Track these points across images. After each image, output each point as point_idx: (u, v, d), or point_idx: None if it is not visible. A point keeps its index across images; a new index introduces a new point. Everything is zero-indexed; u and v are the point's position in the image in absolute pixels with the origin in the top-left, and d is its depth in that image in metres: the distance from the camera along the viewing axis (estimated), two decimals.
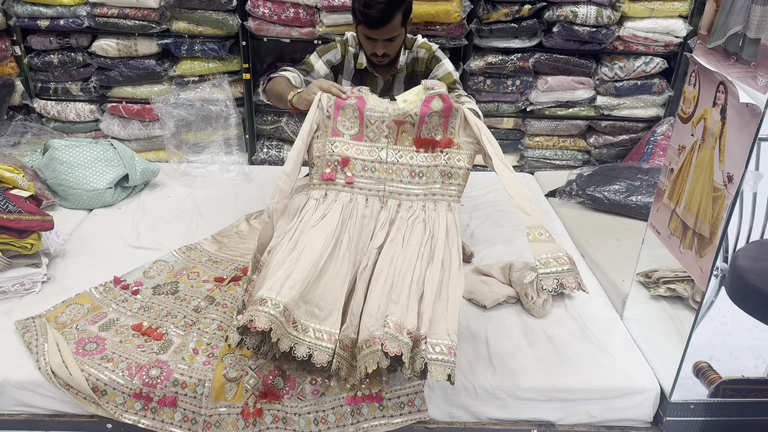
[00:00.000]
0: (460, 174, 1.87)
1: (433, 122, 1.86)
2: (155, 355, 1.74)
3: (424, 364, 1.48)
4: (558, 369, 1.77)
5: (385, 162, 1.89)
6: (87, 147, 2.60)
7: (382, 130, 1.89)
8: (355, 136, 1.90)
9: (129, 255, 2.25)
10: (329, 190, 1.87)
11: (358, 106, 1.88)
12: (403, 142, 1.89)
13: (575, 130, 3.33)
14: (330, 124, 1.89)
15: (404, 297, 1.60)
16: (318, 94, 1.90)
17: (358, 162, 1.88)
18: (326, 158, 1.88)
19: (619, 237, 2.49)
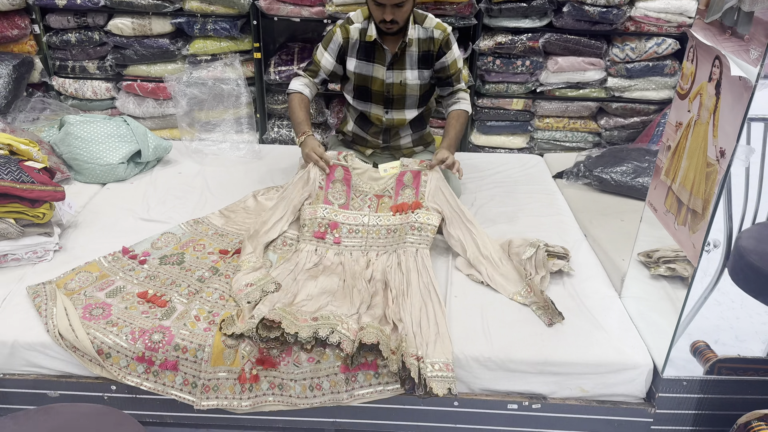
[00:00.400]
0: (428, 228, 2.19)
1: (406, 193, 2.29)
2: (158, 321, 1.79)
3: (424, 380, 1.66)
4: (551, 343, 1.79)
5: (367, 225, 2.24)
6: (101, 123, 2.67)
7: (366, 201, 2.30)
8: (343, 205, 2.29)
9: (139, 227, 2.32)
10: (319, 246, 2.17)
11: (345, 182, 2.31)
12: (383, 209, 2.29)
13: (586, 112, 3.30)
14: (322, 194, 2.29)
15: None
16: (308, 168, 2.31)
17: (344, 226, 2.23)
18: (318, 221, 2.21)
19: (623, 218, 2.49)
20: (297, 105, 2.44)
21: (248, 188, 2.64)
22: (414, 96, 2.48)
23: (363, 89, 2.47)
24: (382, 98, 2.47)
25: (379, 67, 2.40)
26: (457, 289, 2.02)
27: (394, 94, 2.45)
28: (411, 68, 2.41)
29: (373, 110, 2.51)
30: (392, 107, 2.49)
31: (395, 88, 2.43)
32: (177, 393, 1.74)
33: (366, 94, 2.48)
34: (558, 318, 1.86)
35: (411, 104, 2.51)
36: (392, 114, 2.51)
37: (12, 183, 1.95)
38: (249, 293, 1.88)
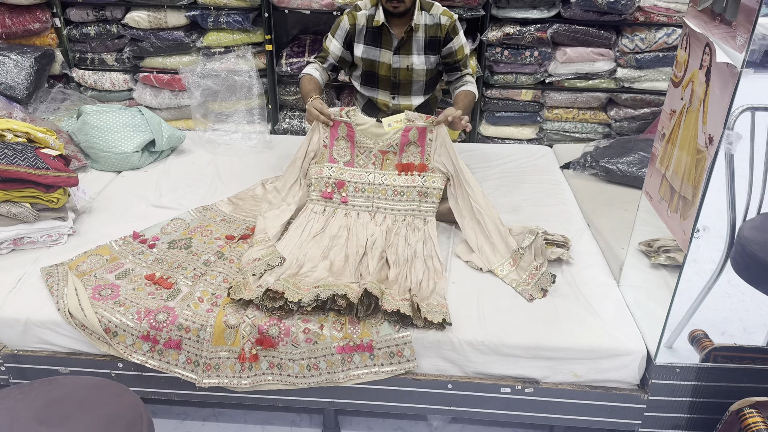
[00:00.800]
0: (434, 193, 2.25)
1: (410, 150, 2.28)
2: (163, 302, 1.86)
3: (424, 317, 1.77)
4: (545, 328, 1.81)
5: (372, 183, 2.28)
6: (117, 113, 2.75)
7: (370, 158, 2.30)
8: (348, 162, 2.31)
9: (150, 213, 2.39)
10: (327, 206, 2.26)
11: (348, 138, 2.30)
12: (387, 167, 2.30)
13: (595, 103, 3.30)
14: (327, 153, 2.31)
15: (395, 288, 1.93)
16: (312, 127, 2.32)
17: (350, 184, 2.28)
18: (324, 180, 2.28)
19: (627, 208, 2.49)
20: (306, 82, 2.46)
21: (258, 177, 2.70)
22: (420, 81, 2.52)
23: (370, 75, 2.52)
24: (389, 83, 2.52)
25: (386, 52, 2.45)
26: (455, 275, 2.05)
27: (401, 78, 2.49)
28: (418, 53, 2.46)
29: (380, 96, 2.55)
30: (399, 92, 2.54)
31: (402, 72, 2.48)
32: (180, 371, 1.81)
33: (373, 80, 2.53)
34: (539, 294, 1.93)
35: (417, 90, 2.55)
36: (399, 99, 2.55)
37: (28, 169, 2.03)
38: (255, 266, 1.97)
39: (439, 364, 1.82)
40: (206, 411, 2.15)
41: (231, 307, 1.84)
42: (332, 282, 1.89)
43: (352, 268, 2.01)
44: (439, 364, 1.82)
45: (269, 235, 2.15)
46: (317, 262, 2.02)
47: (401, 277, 1.99)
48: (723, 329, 2.61)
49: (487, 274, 2.06)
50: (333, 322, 1.81)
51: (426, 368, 1.83)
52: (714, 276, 2.22)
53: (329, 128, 2.30)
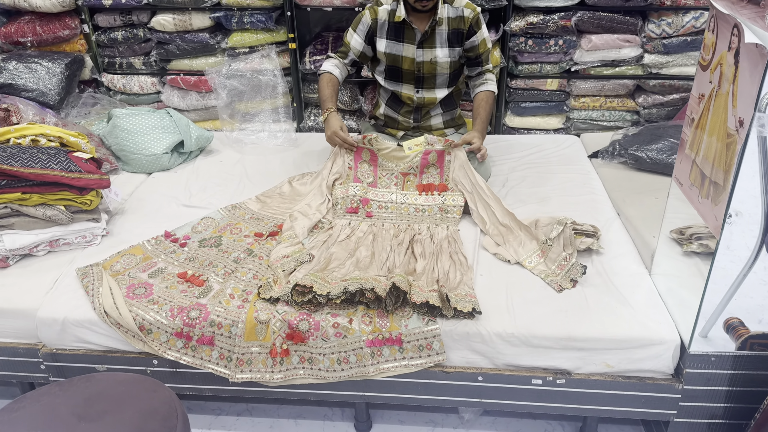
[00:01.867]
0: (455, 210, 2.33)
1: (430, 172, 2.40)
2: (195, 299, 1.90)
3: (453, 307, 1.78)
4: (575, 319, 1.80)
5: (395, 202, 2.37)
6: (146, 115, 2.80)
7: (392, 180, 2.43)
8: (371, 183, 2.43)
9: (181, 213, 2.43)
10: (352, 220, 2.31)
11: (371, 162, 2.43)
12: (409, 188, 2.41)
13: (623, 90, 3.24)
14: (351, 174, 2.44)
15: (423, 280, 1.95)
16: (335, 150, 2.47)
17: (374, 203, 2.37)
18: (350, 198, 2.36)
19: (657, 195, 2.45)
20: (324, 83, 2.52)
21: (285, 175, 2.73)
22: (444, 74, 2.51)
23: (394, 69, 2.52)
24: (413, 77, 2.52)
25: (409, 46, 2.44)
26: (482, 268, 2.05)
27: (425, 72, 2.49)
28: (441, 46, 2.45)
29: (404, 90, 2.56)
30: (423, 86, 2.54)
31: (426, 66, 2.48)
32: (213, 366, 1.84)
33: (397, 74, 2.53)
34: (568, 284, 1.92)
35: (441, 83, 2.54)
36: (423, 93, 2.56)
37: (61, 172, 2.08)
38: (285, 263, 2.01)
39: (468, 356, 1.82)
40: (240, 406, 2.18)
41: (261, 303, 1.86)
42: (360, 276, 1.90)
43: (380, 263, 2.02)
44: (468, 356, 1.82)
45: (296, 233, 2.18)
46: (344, 260, 2.04)
47: (428, 269, 1.99)
48: (760, 317, 2.54)
49: (516, 266, 2.05)
50: (362, 316, 1.82)
51: (456, 361, 1.83)
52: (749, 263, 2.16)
53: (353, 153, 2.45)
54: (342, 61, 2.56)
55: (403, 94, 2.57)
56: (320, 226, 2.29)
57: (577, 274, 1.95)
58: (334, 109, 2.47)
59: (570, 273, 1.96)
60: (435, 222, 2.29)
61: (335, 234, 2.22)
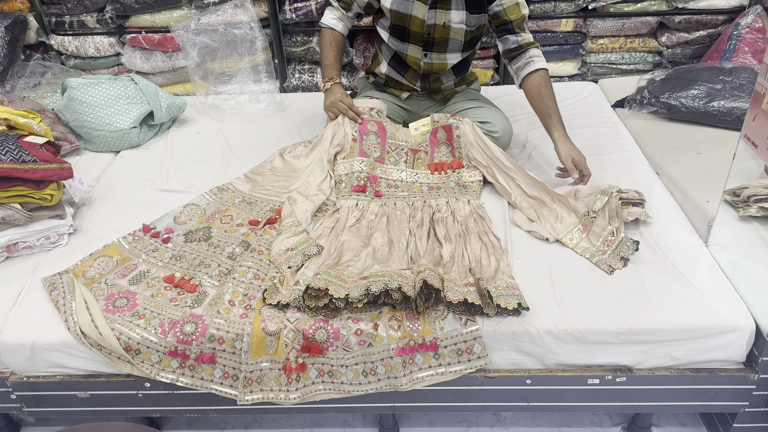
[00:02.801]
0: (473, 186, 2.09)
1: (442, 150, 2.19)
2: (189, 309, 1.64)
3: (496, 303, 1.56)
4: (635, 307, 1.59)
5: (405, 181, 2.13)
6: (106, 85, 2.46)
7: (401, 156, 2.19)
8: (378, 158, 2.18)
9: (158, 199, 2.15)
10: (360, 199, 2.05)
11: (379, 134, 2.19)
12: (419, 166, 2.19)
13: (645, 29, 2.97)
14: (356, 147, 2.17)
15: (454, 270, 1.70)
16: (339, 119, 2.20)
17: (383, 180, 2.12)
18: (356, 175, 2.10)
19: (699, 150, 2.22)
20: (327, 44, 2.26)
21: (273, 145, 2.45)
22: (458, 41, 2.19)
23: (400, 29, 2.19)
24: (422, 40, 2.19)
25: (420, 6, 2.10)
26: (518, 249, 1.82)
27: (435, 37, 2.17)
28: (457, 8, 2.10)
29: (411, 52, 2.24)
30: (432, 50, 2.22)
31: (437, 30, 2.15)
32: (217, 387, 1.61)
33: (403, 34, 2.20)
34: (619, 264, 1.72)
35: (454, 48, 2.22)
36: (431, 57, 2.23)
37: (12, 164, 1.77)
38: (290, 257, 1.76)
39: (515, 357, 1.61)
40: (247, 417, 1.97)
41: (268, 310, 1.62)
42: (381, 271, 1.66)
43: (400, 252, 1.77)
44: (515, 357, 1.61)
45: (299, 220, 1.91)
46: (358, 250, 1.80)
47: (457, 256, 1.76)
48: None
49: (555, 245, 1.83)
50: (388, 320, 1.58)
51: (500, 363, 1.62)
52: None
53: (358, 122, 2.21)
54: (345, 14, 2.24)
55: (408, 56, 2.25)
56: (324, 209, 2.03)
57: (628, 251, 1.73)
58: (338, 79, 2.22)
59: (619, 250, 1.74)
60: (454, 196, 2.05)
61: (343, 218, 1.96)
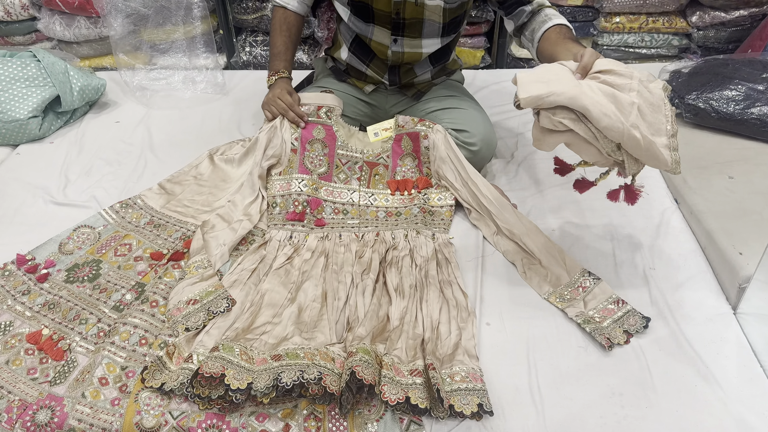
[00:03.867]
0: (442, 212, 1.75)
1: (407, 164, 1.84)
2: (48, 387, 1.30)
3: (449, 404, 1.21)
4: (635, 412, 1.23)
5: (357, 205, 1.79)
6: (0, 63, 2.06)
7: (354, 171, 1.84)
8: (324, 175, 1.82)
9: (50, 215, 1.80)
10: (295, 231, 1.69)
11: (327, 142, 1.84)
12: (376, 185, 1.84)
13: (672, 5, 2.58)
14: (296, 160, 1.81)
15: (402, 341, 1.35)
16: (277, 121, 1.84)
17: (328, 205, 1.78)
18: (293, 198, 1.75)
19: (732, 172, 1.82)
20: (277, 27, 1.93)
21: (206, 140, 2.10)
22: (435, 24, 1.77)
23: (362, 5, 1.77)
24: (389, 21, 1.77)
25: None
26: (490, 310, 1.47)
27: (406, 17, 1.74)
28: None
29: (376, 36, 1.82)
30: (403, 34, 1.79)
31: (408, 8, 1.72)
32: None
33: (366, 13, 1.78)
34: (621, 337, 1.37)
35: (431, 32, 1.80)
36: (402, 45, 1.82)
37: None
38: (189, 315, 1.41)
39: None
40: None
41: (148, 396, 1.26)
42: (301, 347, 1.30)
43: (335, 312, 1.41)
44: None
45: (210, 258, 1.54)
46: (281, 308, 1.43)
47: (409, 319, 1.40)
48: None
49: (537, 306, 1.46)
50: (305, 418, 1.23)
51: None
52: None
53: (299, 130, 1.84)
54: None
55: (373, 42, 1.83)
56: (249, 239, 1.65)
57: (635, 326, 1.37)
58: (285, 73, 1.88)
59: (624, 322, 1.37)
60: (416, 227, 1.68)
61: (270, 255, 1.59)
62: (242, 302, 1.45)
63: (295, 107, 1.81)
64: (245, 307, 1.44)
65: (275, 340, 1.34)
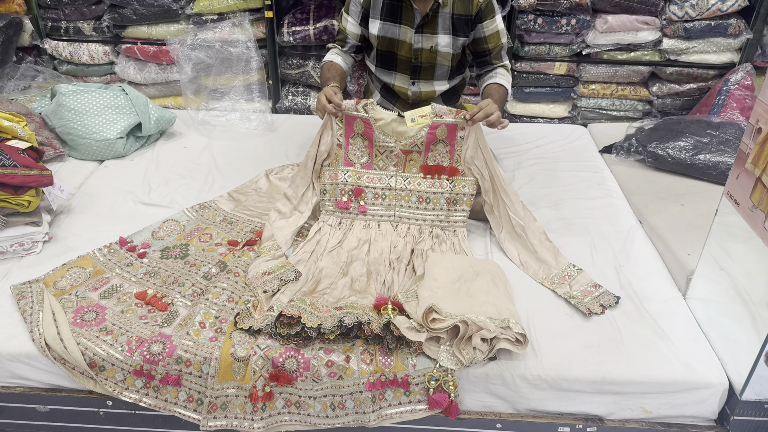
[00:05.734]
0: (464, 200, 2.01)
1: (438, 150, 2.00)
2: (158, 328, 1.61)
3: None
4: (610, 357, 1.58)
5: (394, 189, 2.03)
6: (96, 93, 2.44)
7: (391, 159, 2.03)
8: (365, 164, 2.04)
9: (138, 212, 2.12)
10: (344, 218, 2.03)
11: (366, 135, 2.01)
12: (411, 169, 2.03)
13: (636, 77, 3.01)
14: (341, 154, 2.04)
15: None
16: (323, 123, 2.02)
17: (369, 190, 2.03)
18: (339, 187, 2.03)
19: (683, 201, 2.23)
20: (325, 69, 2.21)
21: (260, 164, 2.44)
22: (445, 66, 2.21)
23: (387, 55, 2.21)
24: (409, 66, 2.21)
25: (407, 29, 2.13)
26: None
27: (423, 61, 2.19)
28: (444, 32, 2.13)
29: (398, 81, 2.25)
30: (419, 77, 2.23)
31: (424, 54, 2.17)
32: (181, 410, 1.57)
33: (390, 62, 2.22)
34: (597, 309, 1.71)
35: (441, 75, 2.24)
36: (419, 86, 2.25)
37: None
38: (266, 282, 1.74)
39: (486, 400, 1.58)
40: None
41: (239, 335, 1.58)
42: (355, 302, 1.64)
43: (376, 286, 1.75)
44: (486, 400, 1.58)
45: (279, 243, 1.89)
46: (336, 278, 1.77)
47: None
48: None
49: (534, 287, 1.81)
50: (361, 353, 1.56)
51: (471, 405, 1.59)
52: None
53: (343, 125, 2.02)
54: (342, 49, 2.25)
55: (396, 86, 2.27)
56: (304, 233, 2.00)
57: (609, 301, 1.73)
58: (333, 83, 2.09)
59: (600, 299, 1.74)
60: (440, 226, 2.01)
61: (324, 240, 1.94)
62: (306, 275, 1.79)
63: (334, 99, 1.95)
64: (308, 278, 1.78)
65: (334, 299, 1.69)
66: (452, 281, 1.69)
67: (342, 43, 2.25)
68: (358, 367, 1.53)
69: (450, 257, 1.83)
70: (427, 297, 1.61)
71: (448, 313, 1.54)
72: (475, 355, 1.50)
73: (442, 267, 1.75)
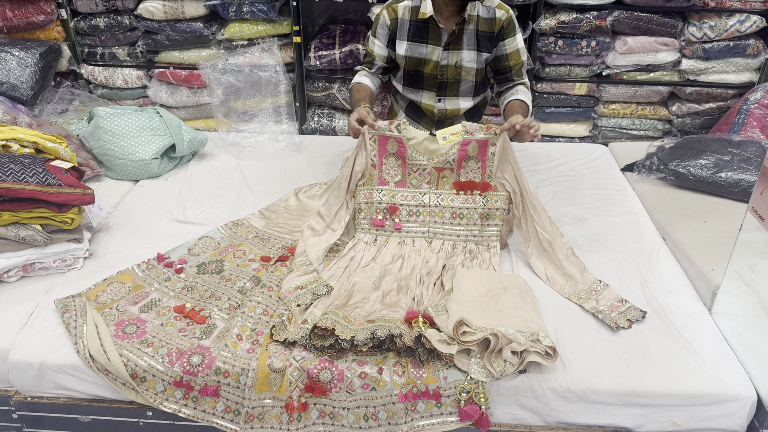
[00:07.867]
0: (497, 215, 2.04)
1: (470, 166, 2.03)
2: (197, 341, 1.65)
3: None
4: (639, 370, 1.59)
5: (428, 206, 2.06)
6: (132, 115, 2.52)
7: (424, 177, 2.06)
8: (399, 183, 2.08)
9: (174, 230, 2.18)
10: (379, 235, 2.06)
11: (399, 154, 2.04)
12: (444, 186, 2.07)
13: (656, 97, 3.04)
14: (375, 174, 2.07)
15: None
16: (358, 143, 2.05)
17: (404, 208, 2.07)
18: (374, 206, 2.06)
19: (706, 218, 2.25)
20: (355, 90, 2.29)
21: (288, 184, 2.49)
22: (469, 82, 2.28)
23: (414, 74, 2.28)
24: (435, 83, 2.28)
25: (434, 48, 2.21)
26: None
27: (448, 77, 2.26)
28: (468, 48, 2.22)
29: (424, 99, 2.32)
30: (445, 93, 2.30)
31: (450, 70, 2.24)
32: (218, 421, 1.60)
33: (417, 80, 2.29)
34: (624, 323, 1.73)
35: (466, 91, 2.31)
36: (445, 102, 2.31)
37: (38, 186, 1.81)
38: (299, 296, 1.79)
39: (516, 412, 1.60)
40: None
41: (275, 347, 1.63)
42: (387, 316, 1.67)
43: (407, 301, 1.79)
44: (516, 412, 1.60)
45: (311, 259, 1.93)
46: (368, 293, 1.81)
47: None
48: None
49: (561, 302, 1.84)
50: (393, 365, 1.59)
51: (501, 417, 1.61)
52: None
53: (377, 145, 2.05)
54: (369, 71, 2.33)
55: (422, 104, 2.33)
56: (336, 250, 2.05)
57: (635, 316, 1.75)
58: (364, 104, 2.13)
59: (627, 314, 1.75)
60: (474, 241, 2.04)
61: (358, 257, 1.98)
62: (338, 289, 1.83)
63: (367, 119, 2.01)
64: (341, 292, 1.82)
65: (366, 313, 1.72)
66: (480, 296, 1.73)
67: (369, 65, 2.33)
68: (390, 378, 1.56)
69: (477, 272, 1.87)
70: (457, 311, 1.64)
71: (478, 326, 1.57)
72: (505, 368, 1.53)
73: (470, 282, 1.79)
